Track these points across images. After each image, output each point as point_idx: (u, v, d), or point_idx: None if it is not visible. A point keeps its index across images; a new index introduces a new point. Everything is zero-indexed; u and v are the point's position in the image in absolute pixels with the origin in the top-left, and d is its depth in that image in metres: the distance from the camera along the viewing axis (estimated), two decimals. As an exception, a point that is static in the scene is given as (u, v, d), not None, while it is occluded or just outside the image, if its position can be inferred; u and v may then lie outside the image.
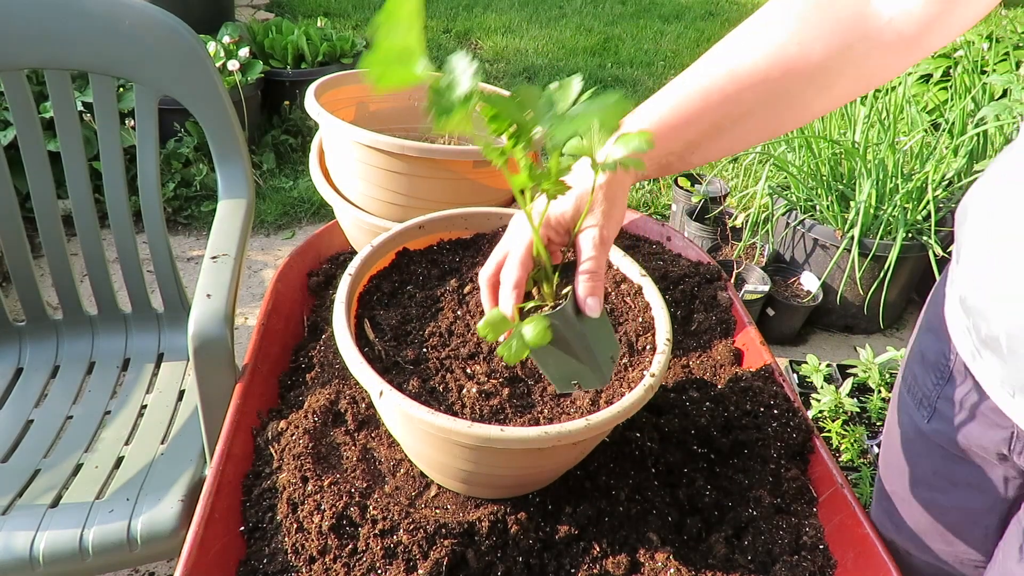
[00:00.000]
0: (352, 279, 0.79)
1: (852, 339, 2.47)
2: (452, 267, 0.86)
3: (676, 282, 1.15)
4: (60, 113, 1.26)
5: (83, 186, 1.31)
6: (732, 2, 5.63)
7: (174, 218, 2.72)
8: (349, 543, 0.72)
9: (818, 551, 0.78)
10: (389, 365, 0.73)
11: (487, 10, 4.99)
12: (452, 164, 1.03)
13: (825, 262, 2.31)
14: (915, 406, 0.79)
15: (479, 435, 0.63)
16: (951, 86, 2.73)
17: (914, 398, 0.80)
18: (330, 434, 0.84)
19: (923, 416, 0.78)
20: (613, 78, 4.03)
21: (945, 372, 0.73)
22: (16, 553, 0.97)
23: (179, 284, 1.39)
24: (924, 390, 0.77)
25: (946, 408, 0.74)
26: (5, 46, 1.18)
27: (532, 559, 0.74)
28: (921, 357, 0.78)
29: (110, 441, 1.21)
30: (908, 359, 0.84)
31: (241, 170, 1.29)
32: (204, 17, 3.25)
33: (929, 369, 0.76)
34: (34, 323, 1.38)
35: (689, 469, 0.86)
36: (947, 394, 0.74)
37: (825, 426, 1.73)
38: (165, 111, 2.53)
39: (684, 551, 0.77)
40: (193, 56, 1.21)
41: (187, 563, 0.68)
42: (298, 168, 3.10)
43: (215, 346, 0.93)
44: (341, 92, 1.20)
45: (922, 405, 0.78)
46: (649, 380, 0.70)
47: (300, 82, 3.12)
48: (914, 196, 2.20)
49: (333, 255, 1.21)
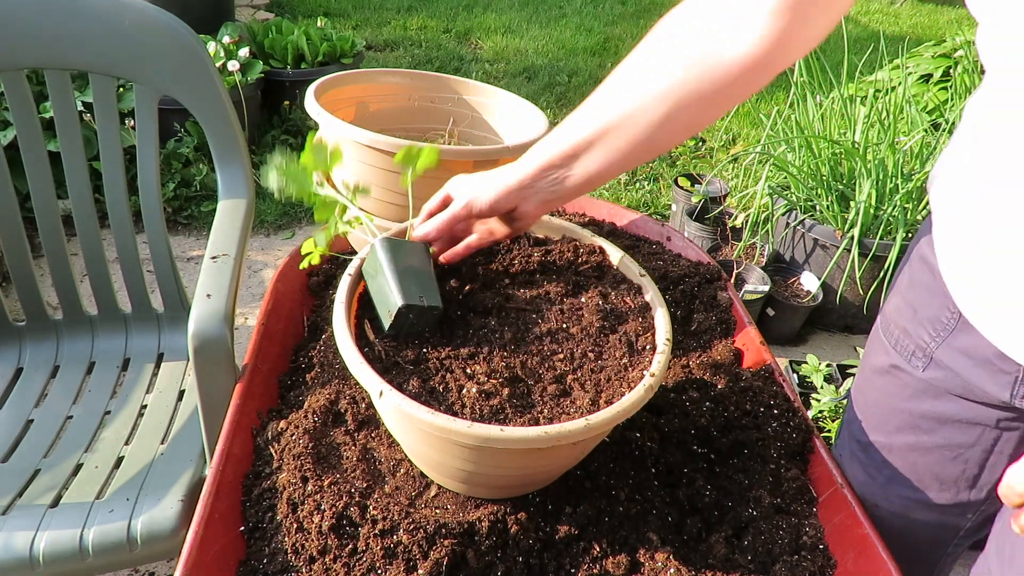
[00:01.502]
0: (352, 279, 0.79)
1: (852, 339, 2.47)
2: (452, 267, 0.86)
3: (676, 282, 1.15)
4: (60, 113, 1.26)
5: (83, 186, 1.31)
6: (732, 2, 5.62)
7: (174, 218, 2.72)
8: (349, 543, 0.72)
9: (818, 551, 0.78)
10: (389, 365, 0.73)
11: (487, 10, 4.99)
12: (452, 164, 1.03)
13: (825, 262, 2.31)
14: (905, 358, 0.81)
15: (479, 435, 0.63)
16: (951, 86, 2.73)
17: (903, 351, 0.81)
18: (330, 434, 0.84)
19: (917, 366, 0.79)
20: (613, 78, 4.02)
21: (949, 324, 0.74)
22: (16, 553, 0.97)
23: (179, 284, 1.39)
24: (918, 342, 0.79)
25: (945, 357, 0.76)
26: (5, 46, 1.18)
27: (532, 559, 0.74)
28: (913, 313, 0.79)
29: (110, 441, 1.21)
30: (890, 315, 0.85)
31: (241, 170, 1.29)
32: (204, 17, 3.24)
33: (923, 323, 0.78)
34: (34, 323, 1.38)
35: (689, 469, 0.86)
36: (951, 344, 0.75)
37: (825, 426, 1.73)
38: (165, 111, 2.53)
39: (684, 551, 0.77)
40: (193, 56, 1.21)
41: (187, 563, 0.68)
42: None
43: (215, 346, 0.93)
44: (341, 92, 1.20)
45: (915, 356, 0.79)
46: (649, 380, 0.71)
47: (300, 82, 3.12)
48: (914, 196, 2.20)
49: (333, 255, 1.21)
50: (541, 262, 0.88)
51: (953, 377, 0.76)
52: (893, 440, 0.85)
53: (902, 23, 5.46)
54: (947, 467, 0.81)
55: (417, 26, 4.64)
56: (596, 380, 0.74)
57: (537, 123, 1.16)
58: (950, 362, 0.76)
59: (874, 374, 0.88)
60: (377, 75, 1.26)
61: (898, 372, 0.83)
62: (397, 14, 4.81)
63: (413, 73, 1.28)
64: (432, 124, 1.30)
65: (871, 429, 0.89)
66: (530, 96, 3.68)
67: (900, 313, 0.83)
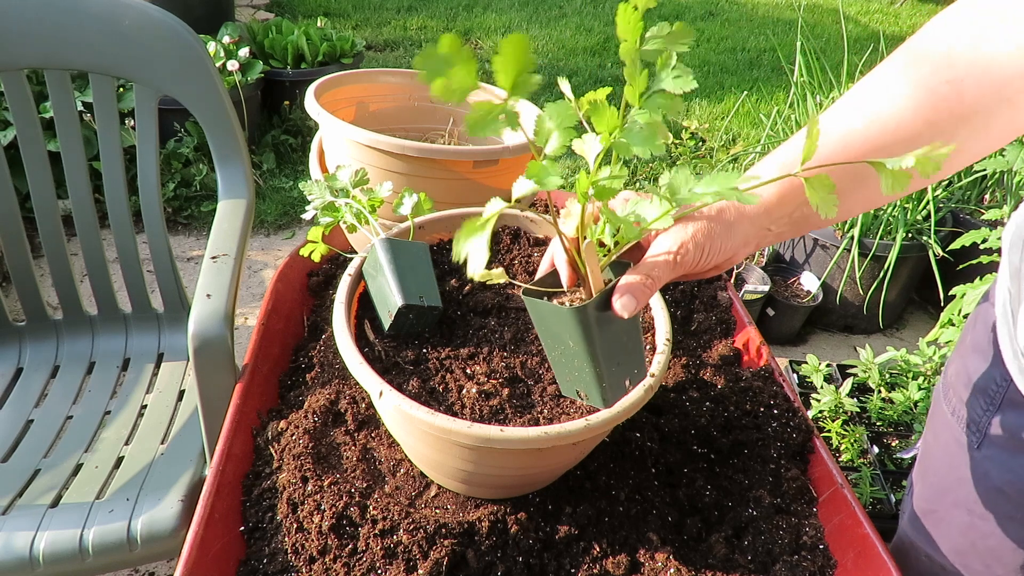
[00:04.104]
0: (352, 279, 0.79)
1: (852, 339, 2.47)
2: (452, 267, 0.86)
3: (676, 282, 1.15)
4: (60, 113, 1.26)
5: (83, 186, 1.31)
6: (732, 2, 5.63)
7: (174, 218, 2.72)
8: (349, 543, 0.72)
9: (818, 551, 0.78)
10: (389, 365, 0.73)
11: (487, 10, 4.99)
12: (452, 164, 1.03)
13: (825, 262, 2.31)
14: (962, 430, 0.76)
15: (479, 435, 0.63)
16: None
17: (959, 420, 0.76)
18: (330, 434, 0.84)
19: (973, 442, 0.74)
20: (613, 78, 4.03)
21: (996, 399, 0.70)
22: (16, 553, 0.97)
23: (179, 284, 1.39)
24: (973, 414, 0.74)
25: (998, 436, 0.71)
26: (5, 46, 1.18)
27: (532, 559, 0.74)
28: (968, 379, 0.75)
29: (110, 441, 1.21)
30: (950, 376, 0.80)
31: (241, 170, 1.29)
32: (204, 17, 3.25)
33: (978, 394, 0.73)
34: (34, 323, 1.38)
35: (689, 469, 0.86)
36: (999, 421, 0.71)
37: (825, 426, 1.72)
38: (165, 111, 2.54)
39: (684, 551, 0.77)
40: (193, 56, 1.21)
41: (187, 563, 0.68)
42: (298, 168, 3.10)
43: (215, 346, 0.93)
44: (341, 92, 1.20)
45: (970, 430, 0.75)
46: (649, 380, 0.70)
47: (300, 82, 3.12)
48: (914, 196, 2.20)
49: (333, 255, 1.21)
50: (541, 262, 0.88)
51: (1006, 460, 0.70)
52: (952, 515, 0.80)
53: (902, 23, 5.46)
54: (1008, 555, 0.76)
55: (417, 26, 4.64)
56: (596, 380, 0.74)
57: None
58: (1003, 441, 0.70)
59: (935, 438, 0.83)
60: (377, 75, 1.26)
61: (955, 444, 0.77)
62: (397, 14, 4.82)
63: (413, 73, 1.28)
64: (432, 124, 1.30)
65: (932, 496, 0.83)
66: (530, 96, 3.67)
67: (959, 379, 0.78)
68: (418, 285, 0.75)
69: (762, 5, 5.61)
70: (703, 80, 4.10)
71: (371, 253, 0.78)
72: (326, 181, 0.87)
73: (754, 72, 4.30)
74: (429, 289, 0.76)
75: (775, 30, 5.00)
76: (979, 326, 0.76)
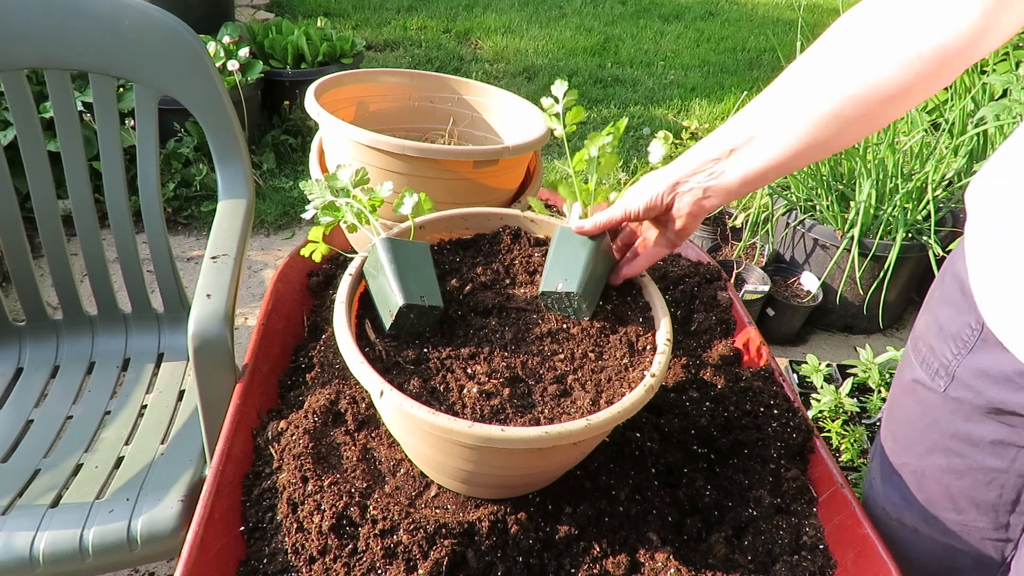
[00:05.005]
0: (353, 279, 0.79)
1: (852, 339, 2.47)
2: (452, 267, 0.86)
3: (676, 282, 1.15)
4: (60, 113, 1.26)
5: (83, 186, 1.31)
6: (732, 2, 5.63)
7: (174, 218, 2.72)
8: (349, 543, 0.72)
9: (818, 551, 0.78)
10: (390, 365, 0.73)
11: (487, 10, 4.99)
12: (452, 164, 1.03)
13: (825, 262, 2.31)
14: (930, 377, 0.80)
15: (480, 435, 0.63)
16: (951, 86, 2.73)
17: (928, 369, 0.80)
18: (330, 434, 0.84)
19: (940, 384, 0.78)
20: (613, 78, 4.03)
21: (969, 341, 0.74)
22: (16, 553, 0.97)
23: (179, 284, 1.39)
24: (942, 360, 0.78)
25: (966, 375, 0.75)
26: (5, 46, 1.18)
27: (532, 559, 0.74)
28: (939, 329, 0.78)
29: (110, 441, 1.21)
30: (919, 329, 0.84)
31: (241, 170, 1.29)
32: (204, 17, 3.24)
33: (948, 339, 0.77)
34: (34, 323, 1.38)
35: (689, 469, 0.86)
36: (970, 363, 0.74)
37: (825, 426, 1.72)
38: (165, 111, 2.53)
39: (684, 551, 0.77)
40: (193, 56, 1.21)
41: (187, 563, 0.68)
42: (298, 168, 3.10)
43: (215, 346, 0.93)
44: (341, 92, 1.20)
45: (938, 375, 0.78)
46: (649, 380, 0.71)
47: (300, 82, 3.12)
48: (914, 196, 2.20)
49: (333, 255, 1.21)
50: (541, 262, 0.88)
51: (976, 396, 0.74)
52: (925, 463, 0.83)
53: (902, 23, 5.45)
54: (982, 491, 0.78)
55: (417, 26, 4.64)
56: (596, 380, 0.74)
57: (537, 123, 1.16)
58: (971, 380, 0.74)
59: (903, 392, 0.86)
60: (377, 75, 1.26)
61: (925, 390, 0.81)
62: (397, 14, 4.82)
63: (413, 73, 1.28)
64: (432, 124, 1.30)
65: (902, 450, 0.86)
66: (530, 96, 3.67)
67: (928, 329, 0.81)
68: (419, 285, 0.76)
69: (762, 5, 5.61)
70: (703, 80, 4.10)
71: (372, 253, 0.79)
72: (326, 181, 0.87)
73: (754, 72, 4.30)
74: (430, 289, 0.77)
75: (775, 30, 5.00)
76: (947, 280, 0.80)
